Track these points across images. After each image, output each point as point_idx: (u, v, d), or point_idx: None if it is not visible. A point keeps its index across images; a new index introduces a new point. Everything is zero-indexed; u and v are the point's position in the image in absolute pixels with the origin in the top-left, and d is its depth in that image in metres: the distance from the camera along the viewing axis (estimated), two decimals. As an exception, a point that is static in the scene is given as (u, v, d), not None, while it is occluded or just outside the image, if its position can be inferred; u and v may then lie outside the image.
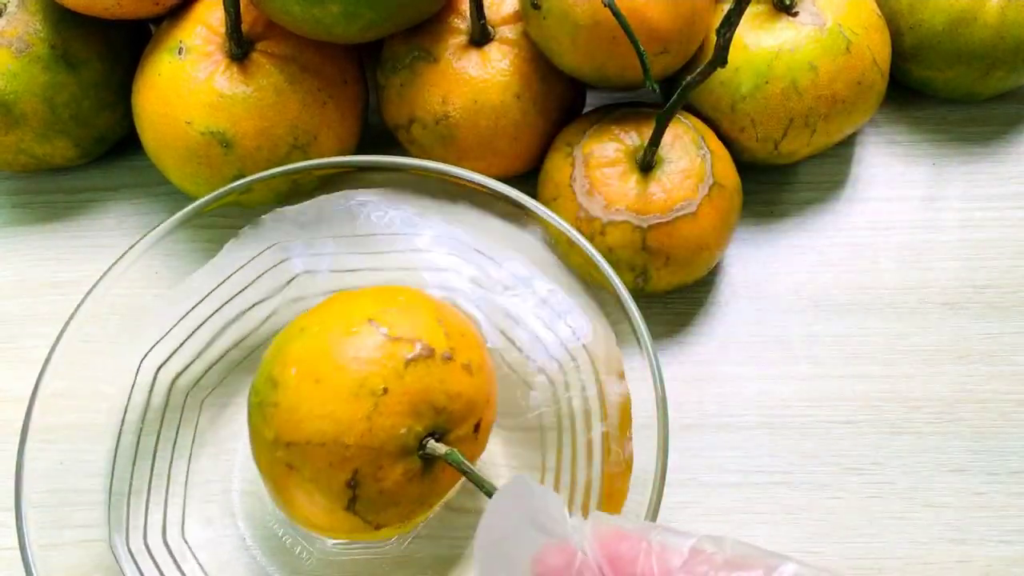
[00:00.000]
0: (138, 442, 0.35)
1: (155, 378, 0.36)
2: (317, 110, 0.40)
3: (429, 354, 0.29)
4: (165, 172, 0.42)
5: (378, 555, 0.35)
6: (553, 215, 0.34)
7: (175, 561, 0.33)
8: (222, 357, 0.38)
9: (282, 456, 0.28)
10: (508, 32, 0.40)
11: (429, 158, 0.41)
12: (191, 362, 0.37)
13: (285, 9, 0.37)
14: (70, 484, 0.33)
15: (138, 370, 0.36)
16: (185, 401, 0.37)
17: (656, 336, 0.41)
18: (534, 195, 0.40)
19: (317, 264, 0.38)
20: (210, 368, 0.37)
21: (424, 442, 0.29)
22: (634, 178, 0.38)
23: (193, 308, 0.36)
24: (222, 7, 0.38)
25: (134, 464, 0.35)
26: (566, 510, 0.23)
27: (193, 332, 0.37)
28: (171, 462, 0.36)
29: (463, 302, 0.37)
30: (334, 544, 0.35)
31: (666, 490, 0.30)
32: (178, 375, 0.37)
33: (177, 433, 0.36)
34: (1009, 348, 0.41)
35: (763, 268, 0.43)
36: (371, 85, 0.44)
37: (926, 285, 0.42)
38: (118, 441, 0.35)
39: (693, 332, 0.42)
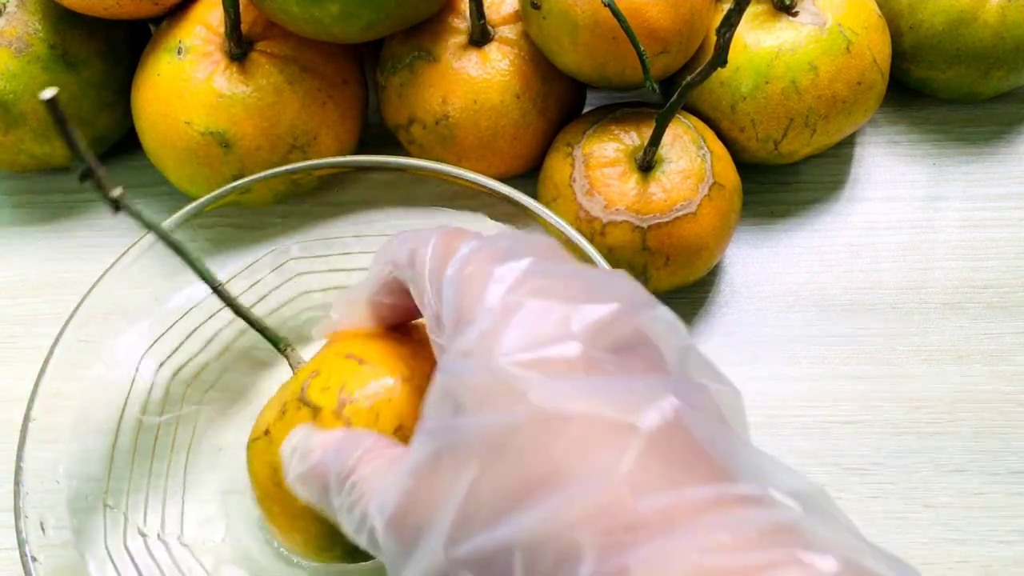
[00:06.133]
0: (136, 441, 0.35)
1: (154, 376, 0.36)
2: (317, 110, 0.40)
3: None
4: (165, 172, 0.42)
5: (377, 563, 0.35)
6: (553, 215, 0.34)
7: (173, 560, 0.33)
8: (222, 354, 0.38)
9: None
10: (508, 32, 0.40)
11: (429, 158, 0.41)
12: (189, 360, 0.37)
13: (284, 9, 0.37)
14: (69, 484, 0.33)
15: (137, 369, 0.36)
16: (183, 399, 0.37)
17: (656, 336, 0.41)
18: (534, 195, 0.40)
19: (318, 264, 0.38)
20: (208, 366, 0.37)
21: None
22: (634, 178, 0.38)
23: (195, 306, 0.36)
24: (221, 7, 0.38)
25: (132, 463, 0.35)
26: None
27: (195, 329, 0.37)
28: (169, 462, 0.36)
29: None
30: None
31: (666, 490, 0.30)
32: (176, 372, 0.37)
33: (175, 432, 0.36)
34: (1009, 348, 0.41)
35: (763, 268, 0.43)
36: (371, 85, 0.44)
37: (926, 285, 0.42)
38: (116, 440, 0.35)
39: (693, 332, 0.42)
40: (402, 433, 0.26)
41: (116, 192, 0.27)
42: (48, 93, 0.24)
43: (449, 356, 0.21)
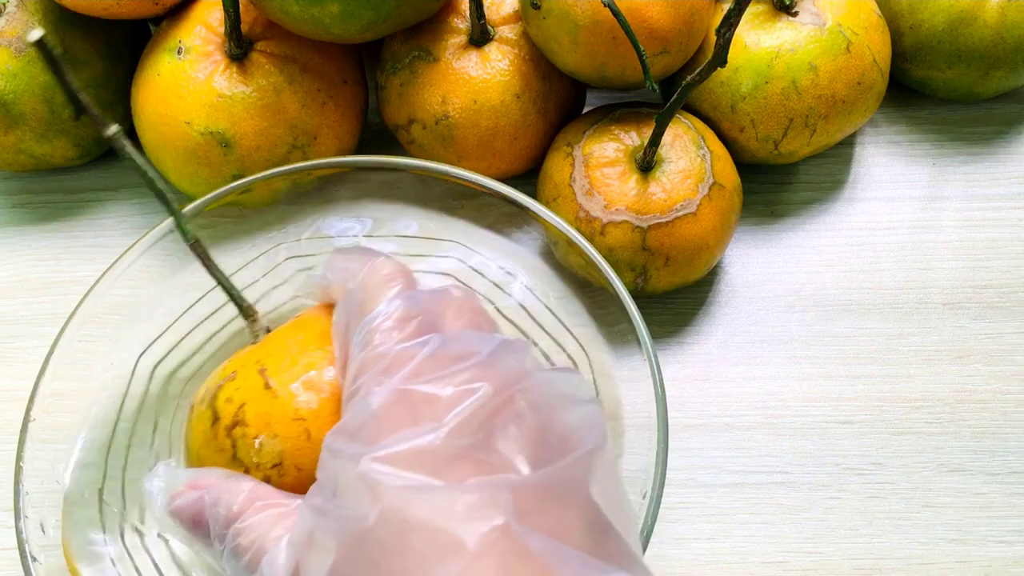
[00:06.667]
0: (133, 439, 0.35)
1: (152, 373, 0.36)
2: (317, 110, 0.40)
3: None
4: (165, 172, 0.42)
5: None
6: (553, 215, 0.34)
7: (172, 557, 0.33)
8: (218, 353, 0.38)
9: None
10: (508, 32, 0.40)
11: (429, 158, 0.41)
12: (187, 359, 0.37)
13: (284, 9, 0.37)
14: (69, 484, 0.33)
15: (135, 367, 0.36)
16: (181, 397, 0.37)
17: (656, 336, 0.41)
18: (534, 195, 0.40)
19: (317, 263, 0.38)
20: (205, 365, 0.37)
21: None
22: (634, 178, 0.38)
23: (192, 306, 0.36)
24: (221, 7, 0.38)
25: (129, 461, 0.35)
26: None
27: (192, 329, 0.37)
28: (169, 457, 0.36)
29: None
30: None
31: (666, 490, 0.30)
32: (174, 371, 0.37)
33: (172, 430, 0.36)
34: (1009, 348, 0.41)
35: (763, 268, 0.43)
36: (371, 85, 0.44)
37: (926, 285, 0.42)
38: (113, 438, 0.35)
39: (693, 332, 0.42)
40: (279, 471, 0.26)
41: (111, 131, 0.28)
42: (35, 34, 0.24)
43: (335, 434, 0.23)
